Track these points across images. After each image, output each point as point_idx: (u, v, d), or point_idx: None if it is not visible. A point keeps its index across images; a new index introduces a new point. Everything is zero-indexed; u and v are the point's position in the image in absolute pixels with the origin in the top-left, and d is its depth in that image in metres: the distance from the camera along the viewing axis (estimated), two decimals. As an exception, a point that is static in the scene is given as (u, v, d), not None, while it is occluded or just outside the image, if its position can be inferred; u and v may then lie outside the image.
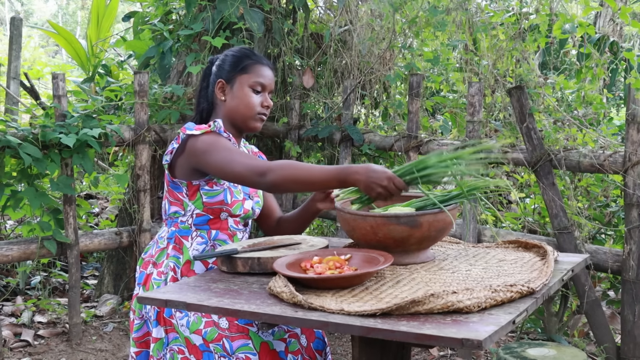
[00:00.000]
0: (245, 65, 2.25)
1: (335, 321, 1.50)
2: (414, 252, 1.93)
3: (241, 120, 2.25)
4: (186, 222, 2.19)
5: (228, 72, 2.26)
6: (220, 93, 2.26)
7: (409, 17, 4.26)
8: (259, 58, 2.28)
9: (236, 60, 2.26)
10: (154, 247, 2.23)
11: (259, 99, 2.25)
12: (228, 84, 2.25)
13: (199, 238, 2.19)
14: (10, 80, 5.79)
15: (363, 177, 1.88)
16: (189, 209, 2.18)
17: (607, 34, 4.36)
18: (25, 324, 4.04)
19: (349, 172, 1.91)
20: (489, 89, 4.14)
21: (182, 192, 2.18)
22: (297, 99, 4.58)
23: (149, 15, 4.72)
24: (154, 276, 2.16)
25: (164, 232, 2.25)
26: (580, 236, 3.37)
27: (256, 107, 2.24)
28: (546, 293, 1.70)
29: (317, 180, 1.95)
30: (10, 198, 3.70)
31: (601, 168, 3.19)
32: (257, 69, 2.25)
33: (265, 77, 2.26)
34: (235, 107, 2.24)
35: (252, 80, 2.24)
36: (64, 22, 19.89)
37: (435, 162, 1.91)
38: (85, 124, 3.77)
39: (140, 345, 2.19)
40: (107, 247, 4.09)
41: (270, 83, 2.28)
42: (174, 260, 2.16)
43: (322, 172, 1.94)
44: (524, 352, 2.71)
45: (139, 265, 2.24)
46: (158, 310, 2.10)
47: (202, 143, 2.10)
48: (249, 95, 2.23)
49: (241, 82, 2.24)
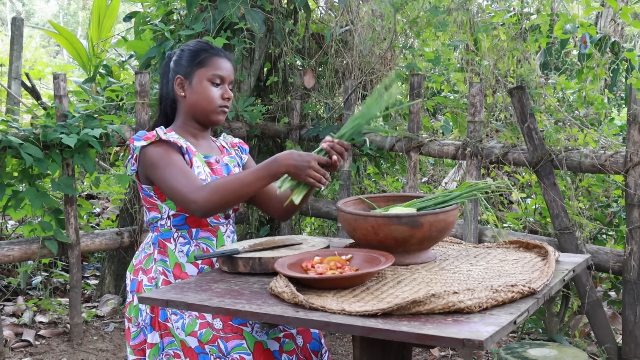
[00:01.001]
0: (202, 58, 2.22)
1: (336, 321, 1.50)
2: (415, 252, 1.93)
3: (203, 114, 2.24)
4: (165, 225, 2.19)
5: (185, 67, 2.23)
6: (180, 89, 2.24)
7: (410, 17, 4.26)
8: (216, 50, 2.26)
9: (193, 54, 2.24)
10: (141, 254, 2.23)
11: (219, 91, 2.23)
12: (187, 80, 2.23)
13: (180, 239, 2.18)
14: (12, 80, 5.80)
15: (292, 163, 1.98)
16: (164, 211, 2.18)
17: (608, 34, 4.36)
18: (27, 324, 4.04)
19: (278, 163, 2.00)
20: (490, 89, 4.14)
21: (153, 196, 2.18)
22: (298, 99, 4.58)
23: (150, 16, 4.73)
24: (145, 282, 2.16)
25: (148, 238, 2.25)
26: (581, 236, 3.37)
27: (217, 101, 2.22)
28: (547, 293, 1.70)
29: (250, 183, 2.01)
30: (12, 198, 3.71)
31: (602, 168, 3.19)
32: (215, 62, 2.23)
33: (223, 69, 2.23)
34: (195, 102, 2.22)
35: (210, 74, 2.21)
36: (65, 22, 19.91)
37: (351, 123, 2.04)
38: (87, 124, 3.77)
39: (138, 353, 2.18)
40: (108, 247, 4.09)
41: (229, 74, 2.25)
42: (161, 264, 2.16)
43: (252, 174, 2.01)
44: (525, 352, 2.71)
45: (130, 272, 2.23)
46: (152, 315, 2.10)
47: (149, 156, 2.11)
48: (208, 89, 2.21)
49: (199, 77, 2.21)
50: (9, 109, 5.53)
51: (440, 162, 5.30)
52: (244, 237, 4.57)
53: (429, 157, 4.71)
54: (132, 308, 2.17)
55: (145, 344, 2.15)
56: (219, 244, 2.20)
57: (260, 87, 4.84)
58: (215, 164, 2.26)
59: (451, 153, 3.75)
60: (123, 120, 4.15)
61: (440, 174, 5.52)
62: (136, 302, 2.15)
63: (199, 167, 2.17)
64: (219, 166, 2.27)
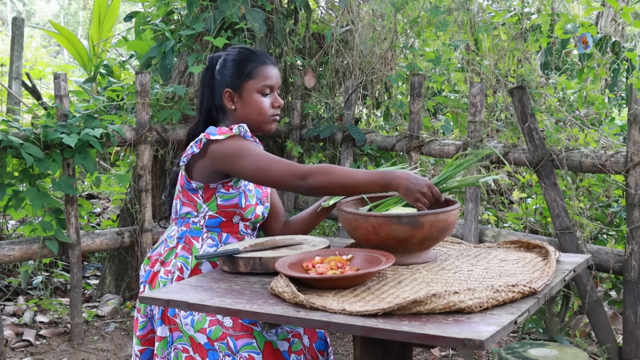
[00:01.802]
0: (250, 70, 2.20)
1: (337, 321, 1.50)
2: (416, 252, 1.93)
3: (255, 125, 2.23)
4: (198, 223, 2.19)
5: (233, 80, 2.21)
6: (230, 102, 2.22)
7: (410, 17, 4.26)
8: (261, 58, 2.23)
9: (238, 65, 2.21)
10: (162, 246, 2.22)
11: (269, 100, 2.22)
12: (236, 93, 2.21)
13: (209, 240, 2.18)
14: (12, 80, 5.80)
15: (405, 182, 1.93)
16: (202, 211, 2.17)
17: (609, 34, 4.36)
18: (27, 323, 4.04)
19: (393, 176, 1.95)
20: (490, 89, 4.14)
21: (198, 194, 2.16)
22: (298, 99, 4.58)
23: (150, 16, 4.73)
24: (161, 274, 2.15)
25: (173, 232, 2.23)
26: (582, 236, 3.37)
27: (268, 111, 2.22)
28: (548, 293, 1.70)
29: (360, 184, 1.98)
30: (12, 198, 3.71)
31: (603, 168, 3.19)
32: (262, 72, 2.21)
33: (272, 78, 2.22)
34: (247, 114, 2.21)
35: (260, 85, 2.20)
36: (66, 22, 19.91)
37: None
38: (87, 124, 3.77)
39: (144, 343, 2.19)
40: (108, 247, 4.09)
41: (277, 81, 2.24)
42: (182, 260, 2.16)
43: (365, 176, 1.98)
44: (526, 352, 2.71)
45: (145, 264, 2.22)
46: (162, 309, 2.10)
47: (229, 147, 2.08)
48: (259, 101, 2.20)
49: (248, 89, 2.20)
50: (9, 109, 5.53)
51: (441, 162, 5.30)
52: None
53: (429, 157, 4.70)
54: None
55: (151, 334, 2.16)
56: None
57: (260, 87, 4.83)
58: None
59: (452, 153, 3.75)
60: (124, 120, 4.15)
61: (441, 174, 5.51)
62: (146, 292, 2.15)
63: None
64: None
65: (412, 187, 1.93)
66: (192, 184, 2.16)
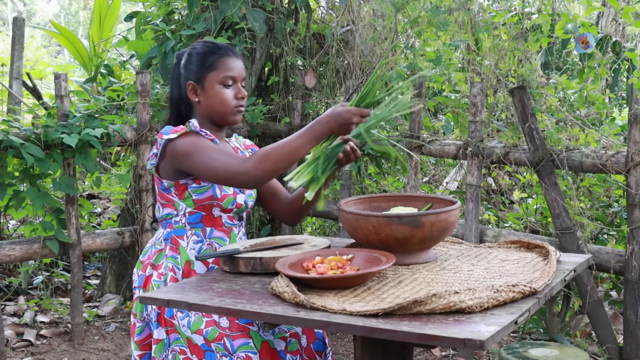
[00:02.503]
0: (212, 62, 2.20)
1: (337, 321, 1.50)
2: (416, 252, 1.93)
3: (219, 117, 2.23)
4: (180, 222, 2.19)
5: (196, 72, 2.22)
6: (193, 95, 2.23)
7: (411, 17, 4.26)
8: (224, 51, 2.24)
9: (201, 58, 2.22)
10: (151, 249, 2.23)
11: (232, 92, 2.22)
12: (199, 85, 2.22)
13: (194, 237, 2.18)
14: (13, 80, 5.80)
15: (334, 123, 2.00)
16: (181, 208, 2.18)
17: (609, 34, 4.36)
18: (28, 323, 4.04)
19: (322, 124, 2.01)
20: (491, 89, 4.13)
21: (172, 192, 2.18)
22: (299, 99, 4.58)
23: (151, 16, 4.73)
24: (154, 278, 2.16)
25: (160, 234, 2.24)
26: (582, 236, 3.37)
27: (231, 102, 2.22)
28: (548, 293, 1.70)
29: (299, 148, 2.01)
30: (13, 198, 3.71)
31: (603, 168, 3.19)
32: (224, 63, 2.21)
33: (234, 69, 2.22)
34: (210, 106, 2.22)
35: (221, 76, 2.20)
36: (67, 22, 19.92)
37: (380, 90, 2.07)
38: (88, 124, 3.77)
39: (143, 348, 2.18)
40: (109, 247, 4.09)
41: (240, 73, 2.24)
42: (172, 260, 2.16)
43: (300, 138, 2.02)
44: (526, 352, 2.71)
45: (137, 268, 2.23)
46: (159, 311, 2.10)
47: (181, 146, 2.10)
48: (221, 92, 2.20)
49: (210, 80, 2.20)
50: (10, 109, 5.53)
51: (441, 162, 5.30)
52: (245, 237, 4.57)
53: (430, 157, 4.70)
54: (138, 304, 2.17)
55: (150, 338, 2.16)
56: (232, 243, 2.20)
57: (261, 87, 4.84)
58: None
59: (452, 153, 3.75)
60: (124, 120, 4.15)
61: (442, 173, 5.52)
62: None
63: None
64: None
65: (342, 122, 1.99)
66: (164, 183, 2.18)
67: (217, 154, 2.05)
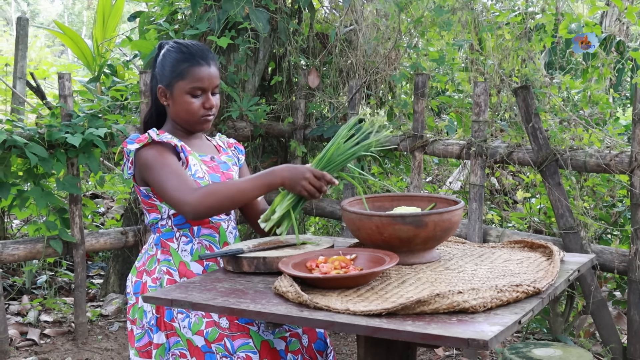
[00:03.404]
0: (181, 70, 2.16)
1: (340, 321, 1.50)
2: (420, 252, 1.93)
3: (186, 124, 2.23)
4: (166, 225, 2.19)
5: (166, 77, 2.19)
6: (163, 98, 2.22)
7: (414, 16, 4.25)
8: (196, 59, 2.18)
9: (172, 64, 2.18)
10: (144, 256, 2.23)
11: (200, 101, 2.19)
12: (168, 90, 2.20)
13: (183, 238, 2.18)
14: (17, 80, 5.80)
15: (286, 174, 2.01)
16: (164, 211, 2.18)
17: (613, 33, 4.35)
18: (32, 323, 4.05)
19: (274, 174, 2.02)
20: (494, 88, 4.13)
21: (152, 197, 2.18)
22: (302, 99, 4.58)
23: (154, 15, 4.73)
24: (149, 284, 2.16)
25: (150, 239, 2.25)
26: (586, 236, 3.37)
27: (198, 112, 2.19)
28: (552, 293, 1.69)
29: (247, 192, 2.03)
30: (17, 197, 3.71)
31: (607, 168, 3.18)
32: (194, 73, 2.16)
33: (203, 80, 2.17)
34: (177, 112, 2.21)
35: (189, 87, 2.17)
36: (70, 22, 19.95)
37: (344, 151, 2.08)
38: (91, 124, 3.78)
39: (142, 355, 2.17)
40: (112, 246, 4.09)
41: (210, 82, 2.19)
42: (165, 264, 2.16)
43: (250, 183, 2.03)
44: (530, 352, 2.70)
45: (133, 274, 2.23)
46: (158, 315, 2.10)
47: (144, 158, 2.11)
48: (188, 102, 2.18)
49: (179, 89, 2.17)
50: (14, 109, 5.54)
51: (444, 162, 5.29)
52: (248, 237, 4.57)
53: (433, 157, 4.70)
54: (137, 310, 2.17)
55: (150, 345, 2.15)
56: (222, 240, 2.20)
57: (264, 86, 4.84)
58: (212, 161, 2.26)
59: (456, 153, 3.75)
60: (128, 120, 4.16)
61: (445, 173, 5.52)
62: (140, 304, 2.15)
63: (195, 165, 2.18)
64: (216, 164, 2.27)
65: (294, 176, 1.99)
66: (143, 190, 2.19)
67: (172, 176, 2.05)
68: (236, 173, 2.33)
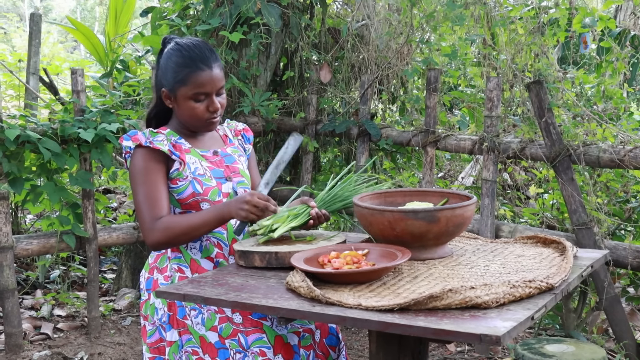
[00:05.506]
0: (183, 76, 2.14)
1: (352, 316, 1.50)
2: (432, 247, 1.92)
3: (192, 127, 2.23)
4: None
5: (169, 82, 2.17)
6: (167, 101, 2.21)
7: (426, 11, 4.24)
8: (197, 65, 2.14)
9: (174, 70, 2.15)
10: (155, 253, 2.24)
11: (204, 105, 2.17)
12: (171, 94, 2.18)
13: None
14: (30, 75, 5.83)
15: (233, 205, 2.05)
16: (172, 209, 2.18)
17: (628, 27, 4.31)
18: (45, 317, 4.08)
19: (222, 207, 2.07)
20: (507, 83, 4.11)
21: None
22: (314, 94, 4.57)
23: (166, 11, 4.74)
24: (161, 281, 2.16)
25: None
26: (599, 232, 3.35)
27: (203, 116, 2.17)
28: (565, 289, 1.69)
29: (199, 226, 2.07)
30: (30, 192, 3.74)
31: (621, 163, 3.16)
32: (196, 79, 2.13)
33: (205, 85, 2.14)
34: (182, 116, 2.20)
35: (192, 93, 2.14)
36: (83, 17, 20.02)
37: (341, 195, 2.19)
38: (104, 119, 3.79)
39: (154, 351, 2.18)
40: (125, 241, 4.11)
41: (213, 86, 2.16)
42: (176, 261, 2.17)
43: (202, 217, 2.08)
44: (542, 348, 2.69)
45: (145, 270, 2.24)
46: (170, 313, 2.11)
47: (131, 167, 2.15)
48: (193, 107, 2.16)
49: (182, 95, 2.15)
50: (27, 104, 5.57)
51: (457, 157, 5.28)
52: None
53: (445, 152, 4.68)
54: (149, 306, 2.17)
55: (161, 342, 2.16)
56: (230, 237, 2.20)
57: (276, 81, 4.84)
58: (214, 156, 2.25)
59: (468, 148, 3.73)
60: (140, 115, 4.17)
61: (457, 169, 5.50)
62: (152, 300, 2.16)
63: (194, 163, 2.18)
64: (219, 158, 2.26)
65: (237, 204, 2.03)
66: None
67: (145, 198, 2.10)
68: (242, 164, 2.32)
